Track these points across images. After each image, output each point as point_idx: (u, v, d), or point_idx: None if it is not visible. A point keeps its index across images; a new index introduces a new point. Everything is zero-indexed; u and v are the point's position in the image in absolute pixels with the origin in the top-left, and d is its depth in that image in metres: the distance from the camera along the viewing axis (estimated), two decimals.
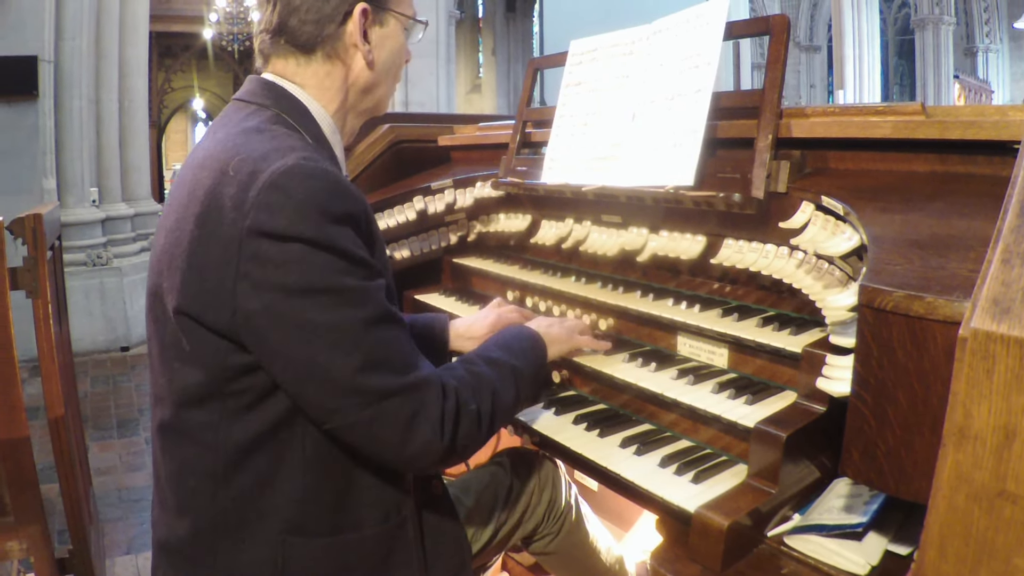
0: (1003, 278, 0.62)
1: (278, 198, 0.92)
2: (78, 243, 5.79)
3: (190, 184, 1.00)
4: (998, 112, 1.07)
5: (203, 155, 1.02)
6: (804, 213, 1.22)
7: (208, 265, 0.95)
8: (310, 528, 1.04)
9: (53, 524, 2.67)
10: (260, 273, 0.92)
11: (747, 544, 0.98)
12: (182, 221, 0.99)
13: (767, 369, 1.23)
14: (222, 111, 1.15)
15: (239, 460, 1.01)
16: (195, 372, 1.00)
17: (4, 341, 1.93)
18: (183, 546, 1.06)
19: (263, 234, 0.92)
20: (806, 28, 19.83)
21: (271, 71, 1.14)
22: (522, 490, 1.46)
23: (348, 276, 0.95)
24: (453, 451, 1.03)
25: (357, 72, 1.15)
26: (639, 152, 1.49)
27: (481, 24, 21.36)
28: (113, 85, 6.24)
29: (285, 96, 1.11)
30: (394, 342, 1.00)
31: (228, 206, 0.94)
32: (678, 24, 1.49)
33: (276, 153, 0.96)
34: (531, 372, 1.22)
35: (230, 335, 0.96)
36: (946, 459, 0.61)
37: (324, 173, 0.96)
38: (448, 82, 10.15)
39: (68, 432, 2.28)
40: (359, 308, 0.96)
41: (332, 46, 1.12)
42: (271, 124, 1.05)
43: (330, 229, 0.94)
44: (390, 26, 1.16)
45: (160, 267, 1.03)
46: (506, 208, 2.01)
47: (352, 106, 1.19)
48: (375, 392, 0.96)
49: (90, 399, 4.69)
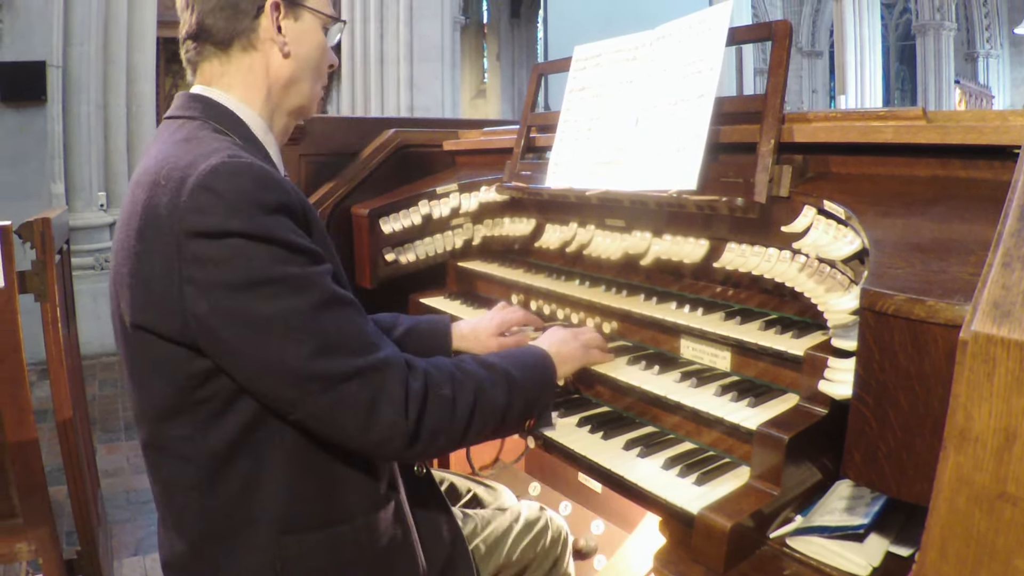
0: (1003, 282, 0.63)
1: (208, 198, 0.93)
2: (86, 247, 5.84)
3: (130, 203, 1.02)
4: (999, 117, 1.07)
5: (139, 173, 1.04)
6: (806, 217, 1.22)
7: (153, 276, 0.96)
8: (302, 525, 1.05)
9: (61, 526, 2.67)
10: (202, 274, 0.93)
11: (750, 545, 0.98)
12: (126, 239, 1.00)
13: (769, 372, 1.24)
14: (157, 131, 1.17)
15: (221, 468, 1.02)
16: (161, 386, 1.01)
17: (13, 344, 1.95)
18: (185, 562, 1.08)
19: (199, 235, 0.93)
20: (808, 34, 19.86)
21: (200, 81, 1.17)
22: (532, 552, 1.44)
23: (289, 264, 0.96)
24: (419, 435, 1.01)
25: (277, 64, 1.16)
26: (643, 157, 1.50)
27: (486, 30, 21.40)
28: (121, 90, 6.28)
29: (211, 104, 1.13)
30: (346, 325, 0.99)
31: (163, 215, 0.95)
32: (681, 30, 1.49)
33: (202, 157, 0.97)
34: (531, 385, 1.20)
35: (186, 341, 0.97)
36: (947, 461, 0.62)
37: (249, 167, 0.97)
38: (453, 87, 10.17)
39: (76, 434, 2.30)
40: (304, 295, 0.96)
41: (248, 39, 1.14)
42: (198, 132, 1.07)
43: (264, 220, 0.95)
44: (306, 21, 1.18)
45: (114, 288, 1.05)
46: (511, 212, 2.02)
47: (277, 103, 1.20)
48: (331, 377, 0.96)
49: (98, 402, 4.71)
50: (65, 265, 2.59)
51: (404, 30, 9.48)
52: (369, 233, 1.93)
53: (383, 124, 2.28)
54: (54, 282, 2.15)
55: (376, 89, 9.53)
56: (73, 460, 2.24)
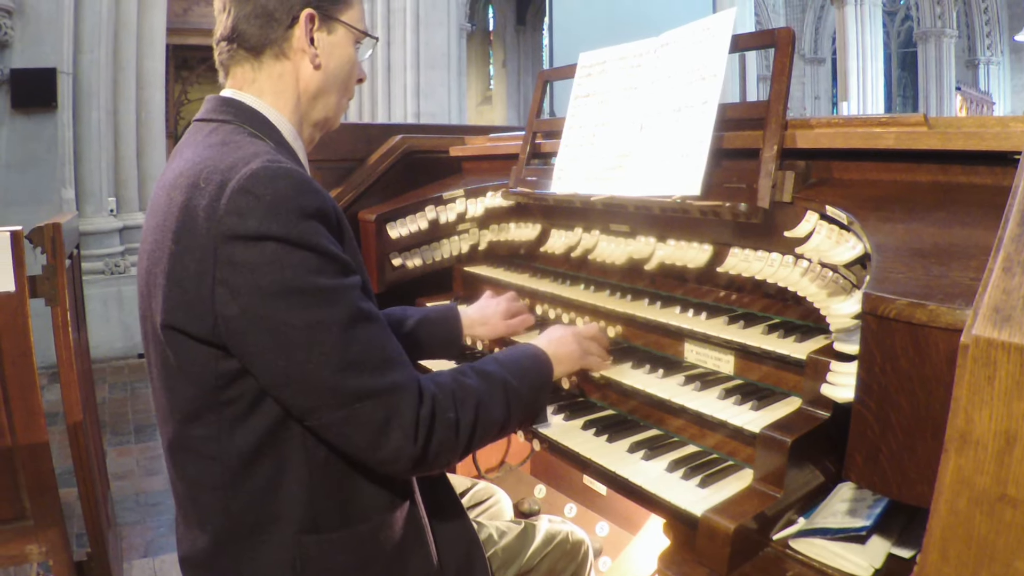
0: (1004, 286, 0.63)
1: (247, 201, 0.94)
2: (96, 252, 5.87)
3: (165, 205, 1.02)
4: (999, 123, 1.08)
5: (173, 176, 1.04)
6: (809, 222, 1.23)
7: (187, 277, 0.97)
8: (322, 524, 1.06)
9: (72, 527, 2.70)
10: (236, 278, 0.94)
11: (753, 547, 0.99)
12: (160, 241, 1.01)
13: (772, 375, 1.25)
14: (186, 133, 1.18)
15: (245, 467, 1.03)
16: (189, 386, 1.02)
17: (24, 348, 1.97)
18: (206, 559, 1.09)
19: (236, 238, 0.93)
20: (811, 41, 19.89)
21: (230, 85, 1.18)
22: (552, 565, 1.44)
23: (321, 275, 0.96)
24: (425, 459, 1.02)
25: (306, 75, 1.17)
26: (647, 163, 1.51)
27: (492, 37, 21.47)
28: (131, 97, 6.32)
29: (244, 108, 1.14)
30: (369, 342, 1.00)
31: (201, 217, 0.95)
32: (685, 37, 1.51)
33: (241, 161, 0.98)
34: (528, 391, 1.20)
35: (216, 342, 0.97)
36: (948, 464, 0.62)
37: (289, 172, 0.98)
38: (459, 94, 10.21)
39: (86, 437, 2.31)
40: (333, 308, 0.97)
41: (280, 47, 1.15)
42: (234, 136, 1.08)
43: (301, 225, 0.95)
44: (338, 35, 1.19)
45: (146, 289, 1.05)
46: (516, 217, 2.03)
47: (305, 113, 1.21)
48: (348, 393, 0.97)
49: (108, 405, 4.75)
50: (75, 270, 2.61)
51: (411, 37, 9.54)
52: (376, 238, 1.95)
53: (390, 130, 2.30)
54: (64, 286, 2.17)
55: (383, 96, 9.59)
56: (83, 463, 2.26)
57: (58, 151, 5.53)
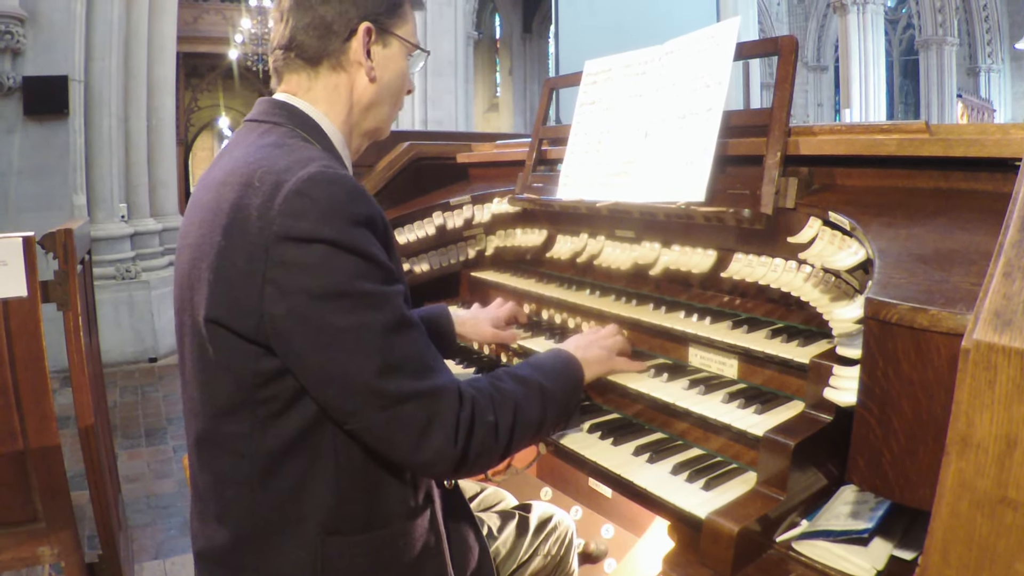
0: (1004, 291, 0.64)
1: (303, 203, 0.96)
2: (108, 257, 5.92)
3: (214, 201, 1.03)
4: (1000, 130, 1.09)
5: (223, 173, 1.05)
6: (812, 228, 1.24)
7: (235, 273, 0.98)
8: (346, 527, 1.07)
9: (83, 530, 2.72)
10: (285, 277, 0.95)
11: (756, 549, 1.00)
12: (207, 235, 1.02)
13: (776, 379, 1.26)
14: (235, 132, 1.20)
15: (274, 466, 1.04)
16: (226, 382, 1.02)
17: (36, 352, 1.99)
18: (224, 555, 1.09)
19: (289, 239, 0.95)
20: (814, 49, 19.93)
21: (284, 89, 1.20)
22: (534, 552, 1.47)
23: (368, 280, 0.98)
24: (466, 460, 1.04)
25: (361, 87, 1.20)
26: (652, 169, 1.52)
27: (498, 45, 21.54)
28: (142, 104, 6.39)
29: (297, 113, 1.16)
30: (411, 348, 1.02)
31: (254, 216, 0.97)
32: (689, 45, 1.52)
33: (298, 164, 1.00)
34: (562, 394, 1.22)
35: (259, 340, 0.98)
36: (949, 467, 0.63)
37: (344, 179, 1.00)
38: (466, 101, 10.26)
39: (98, 440, 2.33)
40: (378, 312, 0.98)
41: (337, 59, 1.17)
42: (288, 139, 1.10)
43: (352, 231, 0.97)
44: (393, 48, 1.22)
45: (188, 282, 1.05)
46: (523, 223, 2.04)
47: (356, 124, 1.23)
48: (392, 396, 0.98)
49: (119, 409, 4.79)
50: (87, 275, 2.63)
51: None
52: None
53: (398, 137, 2.32)
54: (76, 291, 2.20)
55: None
56: (95, 465, 2.28)
57: (70, 157, 5.59)
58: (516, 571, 1.43)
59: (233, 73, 16.26)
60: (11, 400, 1.97)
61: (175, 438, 4.25)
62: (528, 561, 1.44)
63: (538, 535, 1.47)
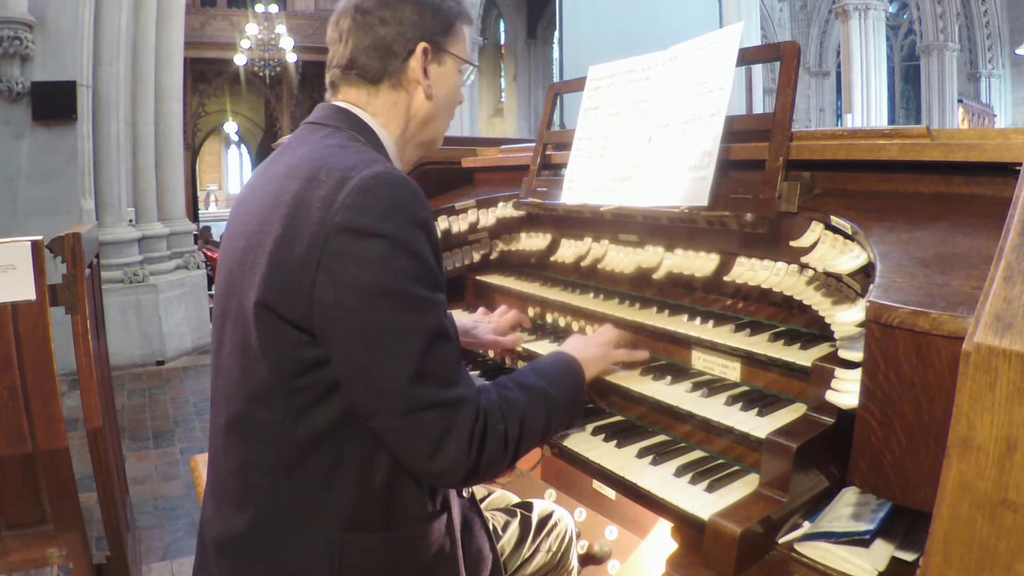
0: (1005, 295, 0.65)
1: (367, 199, 0.99)
2: (115, 261, 5.94)
3: (275, 192, 1.06)
4: (1000, 135, 1.10)
5: (287, 167, 1.09)
6: (814, 232, 1.24)
7: (291, 260, 1.00)
8: (365, 524, 1.07)
9: (91, 531, 2.72)
10: (340, 268, 0.97)
11: (759, 550, 1.00)
12: (266, 223, 1.05)
13: (778, 382, 1.26)
14: (294, 133, 1.23)
15: (302, 457, 1.05)
16: (266, 367, 1.04)
17: (44, 355, 2.01)
18: (240, 542, 1.09)
19: (349, 231, 0.97)
20: (816, 54, 19.95)
21: (341, 99, 1.23)
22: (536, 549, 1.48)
23: (419, 284, 1.00)
24: (477, 471, 1.05)
25: (418, 104, 1.23)
26: (655, 174, 1.53)
27: (503, 50, 21.59)
28: (149, 109, 6.42)
29: (357, 121, 1.19)
30: (444, 357, 1.03)
31: (316, 207, 0.99)
32: (693, 50, 1.53)
33: (363, 163, 1.03)
34: (566, 398, 1.24)
35: (303, 326, 1.00)
36: (950, 469, 0.63)
37: (408, 181, 1.04)
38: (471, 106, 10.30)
39: (106, 443, 2.35)
40: (422, 317, 1.00)
41: (397, 79, 1.21)
42: (351, 142, 1.14)
43: (411, 232, 1.00)
44: (447, 65, 1.25)
45: (240, 267, 1.08)
46: (527, 227, 2.05)
47: (411, 137, 1.26)
48: (417, 401, 0.99)
49: (127, 411, 4.81)
50: (95, 279, 2.65)
51: None
52: None
53: None
54: (84, 295, 2.21)
55: None
56: (103, 467, 2.29)
57: (78, 162, 5.62)
58: (518, 568, 1.44)
59: (240, 79, 16.33)
60: (20, 402, 1.99)
61: (182, 440, 4.27)
62: (530, 558, 1.46)
63: (539, 532, 1.48)
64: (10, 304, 1.97)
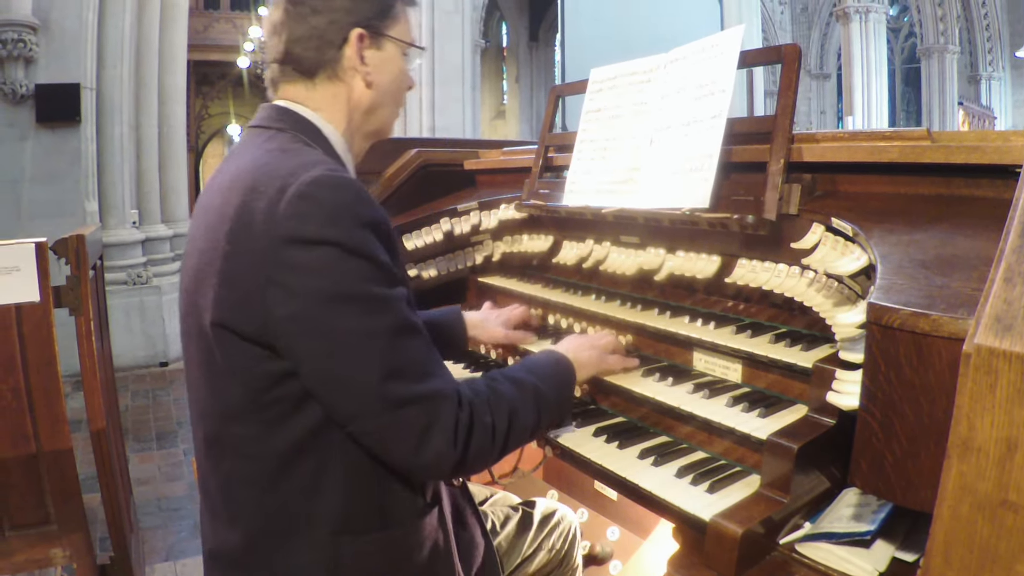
0: (1005, 296, 0.65)
1: (308, 206, 0.96)
2: (119, 263, 5.96)
3: (219, 206, 1.04)
4: (1000, 137, 1.10)
5: (230, 178, 1.06)
6: (815, 234, 1.25)
7: (240, 276, 0.98)
8: (357, 527, 1.07)
9: (95, 532, 2.73)
10: (291, 280, 0.96)
11: (760, 551, 1.00)
12: (213, 240, 1.02)
13: (779, 383, 1.26)
14: (241, 138, 1.21)
15: (284, 468, 1.04)
16: (233, 385, 1.03)
17: (48, 357, 2.02)
18: (237, 555, 1.09)
19: (294, 241, 0.95)
20: (817, 57, 19.97)
21: (281, 97, 1.20)
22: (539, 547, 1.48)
23: (374, 284, 0.99)
24: (464, 462, 1.04)
25: (359, 93, 1.20)
26: (657, 176, 1.54)
27: (505, 53, 21.63)
28: (153, 111, 6.44)
29: (299, 119, 1.17)
30: (414, 352, 1.02)
31: (259, 220, 0.97)
32: (694, 53, 1.53)
33: (302, 168, 1.00)
34: (555, 395, 1.23)
35: (263, 342, 0.99)
36: (950, 470, 0.64)
37: (350, 182, 1.01)
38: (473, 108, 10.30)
39: (109, 444, 2.35)
40: (383, 317, 0.99)
41: (333, 69, 1.18)
42: (292, 144, 1.11)
43: (358, 233, 0.98)
44: (388, 50, 1.22)
45: (195, 287, 1.06)
46: (529, 229, 2.06)
47: (357, 127, 1.24)
48: (394, 399, 0.99)
49: (130, 412, 4.82)
50: (99, 280, 2.66)
51: (426, 54, 9.65)
52: None
53: (406, 144, 2.34)
54: (88, 297, 2.21)
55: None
56: (106, 468, 2.30)
57: (82, 164, 5.63)
58: (520, 565, 1.44)
59: (243, 81, 16.39)
60: (24, 404, 2.00)
61: (186, 441, 4.27)
62: (532, 556, 1.45)
63: (542, 530, 1.48)
64: (14, 306, 1.98)
